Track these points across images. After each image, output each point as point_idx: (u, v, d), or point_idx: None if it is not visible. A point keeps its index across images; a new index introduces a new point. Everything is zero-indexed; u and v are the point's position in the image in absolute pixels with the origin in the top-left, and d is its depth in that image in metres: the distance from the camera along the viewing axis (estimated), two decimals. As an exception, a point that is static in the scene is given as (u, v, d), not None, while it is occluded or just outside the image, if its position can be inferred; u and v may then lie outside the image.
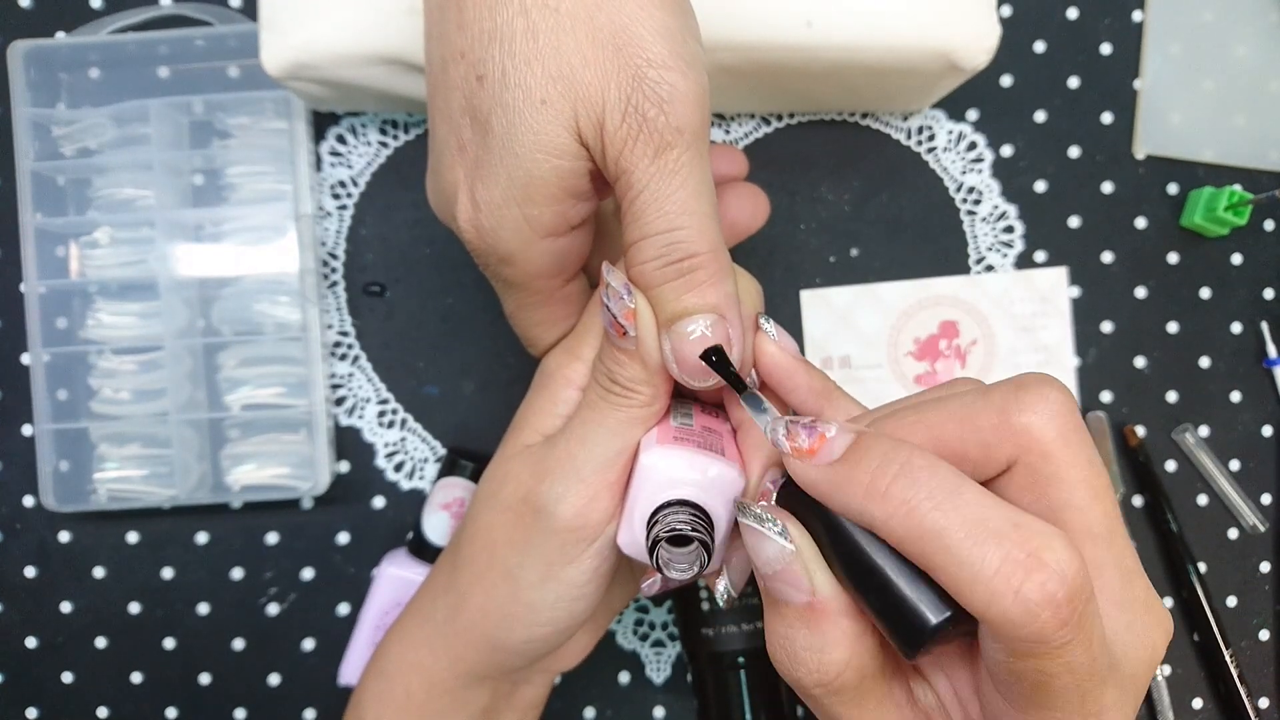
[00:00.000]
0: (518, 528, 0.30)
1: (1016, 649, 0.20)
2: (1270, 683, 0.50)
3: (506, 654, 0.32)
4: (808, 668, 0.23)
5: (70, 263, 0.47)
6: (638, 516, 0.28)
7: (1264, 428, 0.50)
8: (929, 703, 0.24)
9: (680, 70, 0.26)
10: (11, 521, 0.48)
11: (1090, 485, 0.23)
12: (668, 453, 0.28)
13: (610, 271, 0.27)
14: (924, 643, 0.21)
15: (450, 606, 0.32)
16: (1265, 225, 0.50)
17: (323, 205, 0.48)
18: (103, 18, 0.47)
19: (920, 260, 0.49)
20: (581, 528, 0.29)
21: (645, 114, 0.25)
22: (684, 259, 0.26)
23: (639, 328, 0.27)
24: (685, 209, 0.26)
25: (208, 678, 0.48)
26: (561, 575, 0.30)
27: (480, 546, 0.31)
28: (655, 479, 0.28)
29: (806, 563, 0.23)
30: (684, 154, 0.26)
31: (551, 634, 0.31)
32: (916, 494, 0.21)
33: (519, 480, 0.30)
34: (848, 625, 0.23)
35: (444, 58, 0.28)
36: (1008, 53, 0.49)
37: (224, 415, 0.46)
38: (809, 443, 0.23)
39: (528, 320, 0.33)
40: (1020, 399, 0.23)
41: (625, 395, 0.28)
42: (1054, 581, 0.19)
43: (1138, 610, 0.22)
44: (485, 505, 0.32)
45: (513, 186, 0.27)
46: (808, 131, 0.49)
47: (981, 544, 0.20)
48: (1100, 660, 0.20)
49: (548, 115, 0.26)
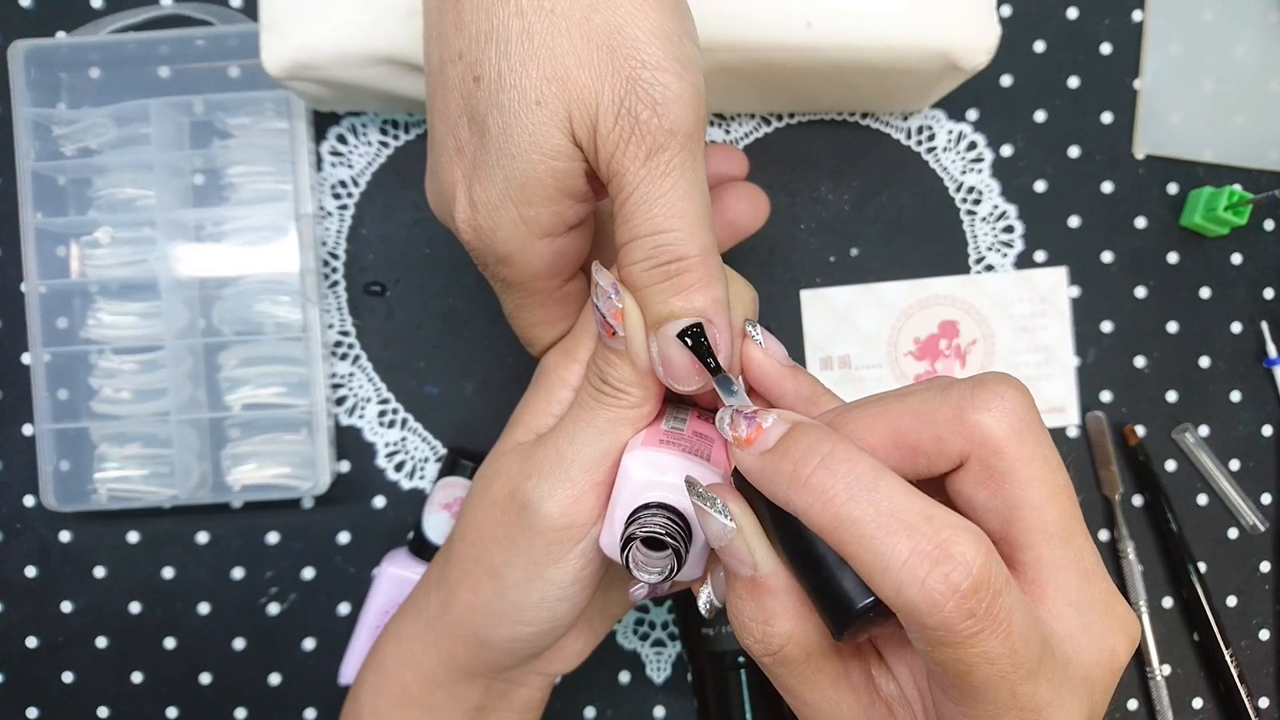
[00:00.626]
0: (504, 525, 0.30)
1: (929, 638, 0.20)
2: (1270, 683, 0.50)
3: (494, 651, 0.32)
4: (754, 637, 0.24)
5: (71, 262, 0.47)
6: (618, 517, 0.28)
7: (1264, 427, 0.50)
8: (891, 692, 0.25)
9: (675, 72, 0.26)
10: (12, 521, 0.48)
11: (1045, 483, 0.23)
12: (650, 455, 0.28)
13: (599, 271, 0.27)
14: (849, 624, 0.22)
15: (441, 601, 0.33)
16: (1265, 225, 0.50)
17: (323, 205, 0.48)
18: (103, 17, 0.47)
19: (920, 260, 0.49)
20: (567, 527, 0.29)
21: (638, 116, 0.25)
22: (672, 261, 0.26)
23: (627, 328, 0.27)
24: (675, 211, 0.26)
25: (208, 677, 0.48)
26: (546, 575, 0.30)
27: (469, 543, 0.32)
28: (635, 480, 0.28)
29: (748, 539, 0.24)
30: (676, 156, 0.26)
31: (536, 634, 0.31)
32: (835, 484, 0.22)
33: (508, 477, 0.30)
34: (790, 601, 0.24)
35: (442, 59, 0.28)
36: (1008, 53, 0.49)
37: (225, 415, 0.46)
38: (747, 432, 0.24)
39: (527, 320, 0.33)
40: (975, 396, 0.23)
41: (615, 396, 0.28)
42: (959, 573, 0.20)
43: (1095, 612, 0.22)
44: (475, 502, 0.32)
45: (510, 187, 0.27)
46: (808, 131, 0.49)
47: (892, 535, 0.20)
48: (1024, 653, 0.20)
49: (542, 116, 0.26)
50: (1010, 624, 0.20)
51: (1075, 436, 0.50)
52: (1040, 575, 0.23)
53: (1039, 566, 0.23)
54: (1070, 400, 0.49)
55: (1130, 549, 0.48)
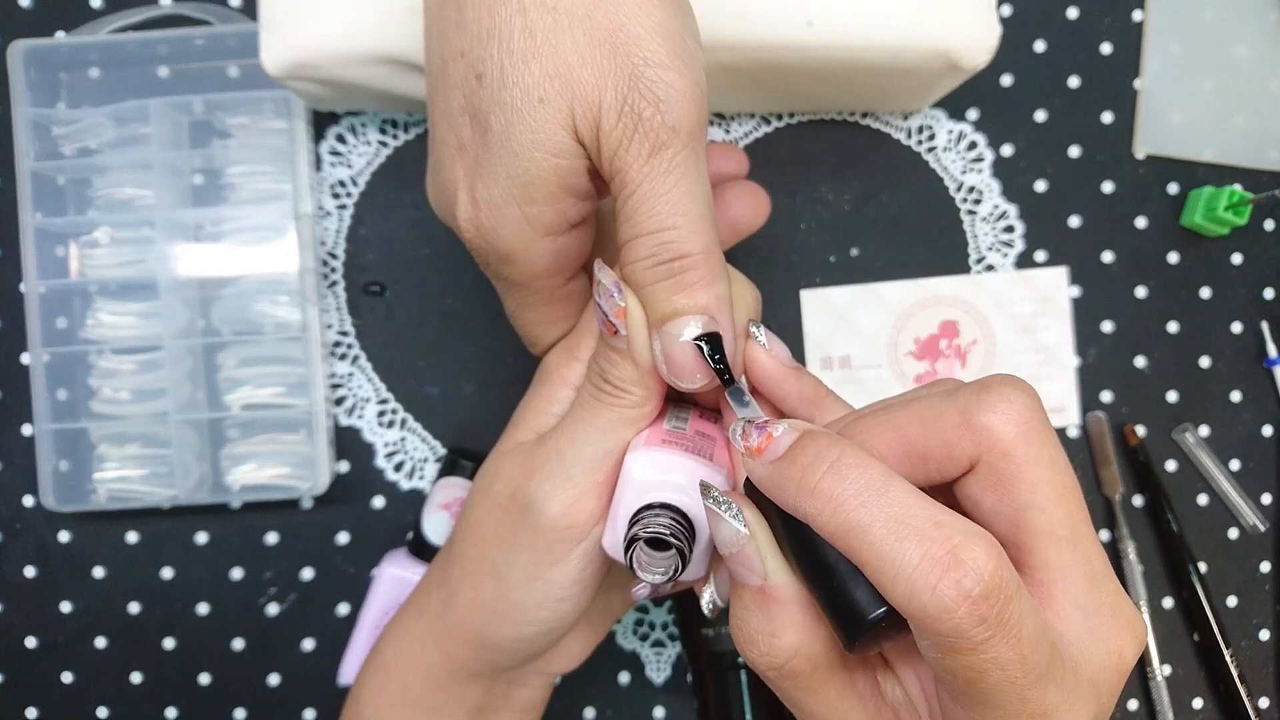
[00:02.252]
0: (506, 525, 0.30)
1: (940, 644, 0.20)
2: (1270, 683, 0.50)
3: (495, 651, 0.32)
4: (759, 650, 0.24)
5: (70, 262, 0.47)
6: (620, 517, 0.28)
7: (1264, 427, 0.50)
8: (896, 697, 0.25)
9: (677, 70, 0.26)
10: (11, 521, 0.48)
11: (1053, 486, 0.23)
12: (653, 455, 0.28)
13: (601, 269, 0.27)
14: (860, 635, 0.22)
15: (442, 601, 0.33)
16: (1265, 225, 0.50)
17: (322, 205, 0.48)
18: (102, 17, 0.47)
19: (920, 260, 0.49)
20: (568, 527, 0.29)
21: (641, 113, 0.25)
22: (675, 259, 0.26)
23: (630, 327, 0.27)
24: (678, 209, 0.26)
25: (207, 678, 0.48)
26: (548, 575, 0.30)
27: (471, 543, 0.32)
28: (638, 480, 0.28)
29: (760, 547, 0.24)
30: (679, 154, 0.26)
31: (538, 634, 0.31)
32: (844, 490, 0.21)
33: (509, 477, 0.30)
34: (798, 612, 0.23)
35: (443, 57, 0.28)
36: (1008, 52, 0.49)
37: (224, 415, 0.46)
38: (758, 442, 0.24)
39: (529, 319, 0.33)
40: (981, 399, 0.23)
41: (616, 395, 0.28)
42: (970, 579, 0.19)
43: (1103, 614, 0.22)
44: (477, 502, 0.32)
45: (512, 185, 0.27)
46: (808, 131, 0.49)
47: (903, 540, 0.20)
48: (1034, 659, 0.20)
49: (545, 113, 0.26)
50: (1021, 630, 0.20)
51: (1076, 437, 0.50)
52: (1048, 578, 0.22)
53: (1047, 569, 0.22)
54: (1071, 400, 0.49)
55: (1130, 549, 0.48)
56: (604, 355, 0.29)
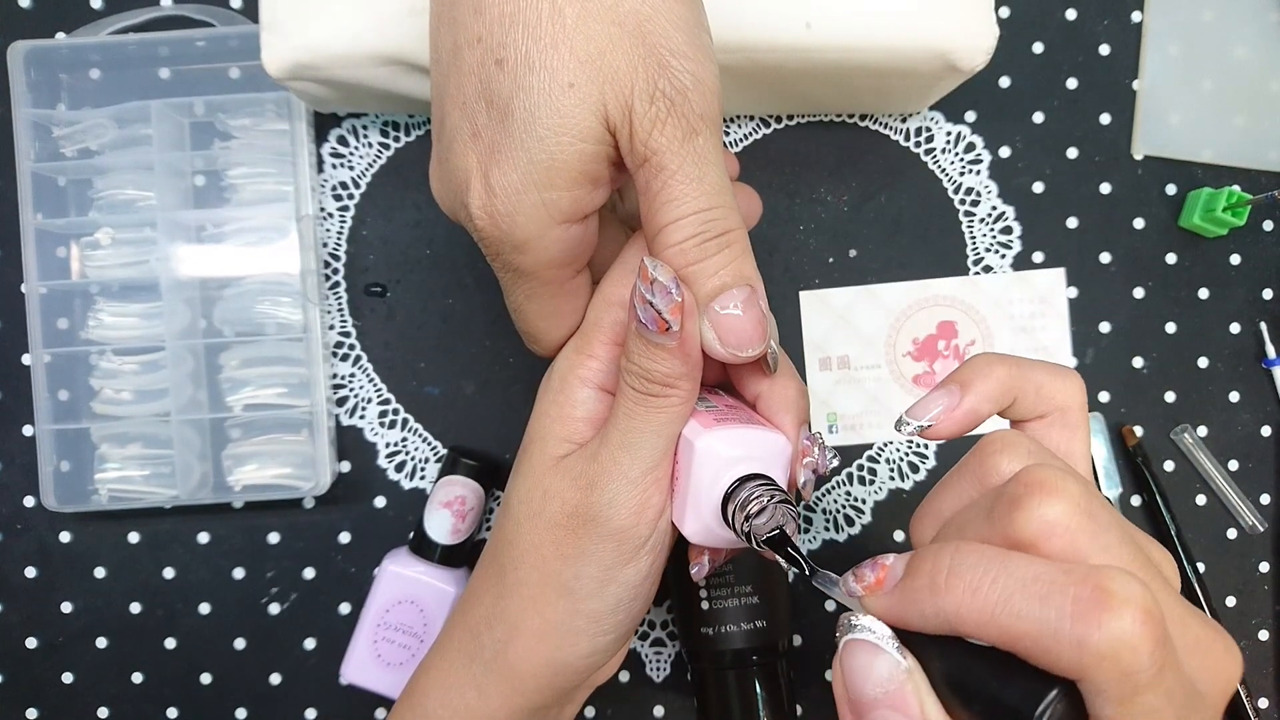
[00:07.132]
0: (569, 542, 0.30)
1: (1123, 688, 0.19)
2: (1270, 683, 0.50)
3: (568, 674, 0.31)
4: None
5: (71, 263, 0.47)
6: (705, 503, 0.29)
7: (1263, 428, 0.50)
8: None
9: (699, 60, 0.26)
10: (12, 521, 0.48)
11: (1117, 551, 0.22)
12: (721, 434, 0.29)
13: (657, 267, 0.27)
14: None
15: (500, 640, 0.31)
16: (1264, 225, 0.50)
17: (324, 206, 0.48)
18: (103, 18, 0.47)
19: (919, 261, 0.49)
20: (636, 527, 0.29)
21: (673, 99, 0.26)
22: (722, 234, 0.27)
23: (684, 318, 0.27)
24: (719, 188, 0.27)
25: (209, 677, 0.48)
26: (620, 577, 0.30)
27: (530, 567, 0.31)
28: (717, 462, 0.28)
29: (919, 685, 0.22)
30: (709, 140, 0.27)
31: (613, 641, 0.31)
32: (974, 575, 0.21)
33: (563, 496, 0.30)
34: None
35: (456, 44, 0.28)
36: (1006, 54, 0.49)
37: (225, 416, 0.46)
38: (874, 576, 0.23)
39: (534, 311, 0.32)
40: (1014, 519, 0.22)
41: (665, 394, 0.28)
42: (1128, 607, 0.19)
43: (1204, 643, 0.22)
44: (529, 526, 0.31)
45: (533, 169, 0.27)
46: (807, 133, 0.49)
47: (1047, 597, 0.19)
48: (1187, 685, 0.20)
49: (575, 99, 0.26)
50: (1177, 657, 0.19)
51: (1074, 437, 0.50)
52: None
53: None
54: (1069, 400, 0.49)
55: (1129, 549, 0.48)
56: (646, 354, 0.28)
